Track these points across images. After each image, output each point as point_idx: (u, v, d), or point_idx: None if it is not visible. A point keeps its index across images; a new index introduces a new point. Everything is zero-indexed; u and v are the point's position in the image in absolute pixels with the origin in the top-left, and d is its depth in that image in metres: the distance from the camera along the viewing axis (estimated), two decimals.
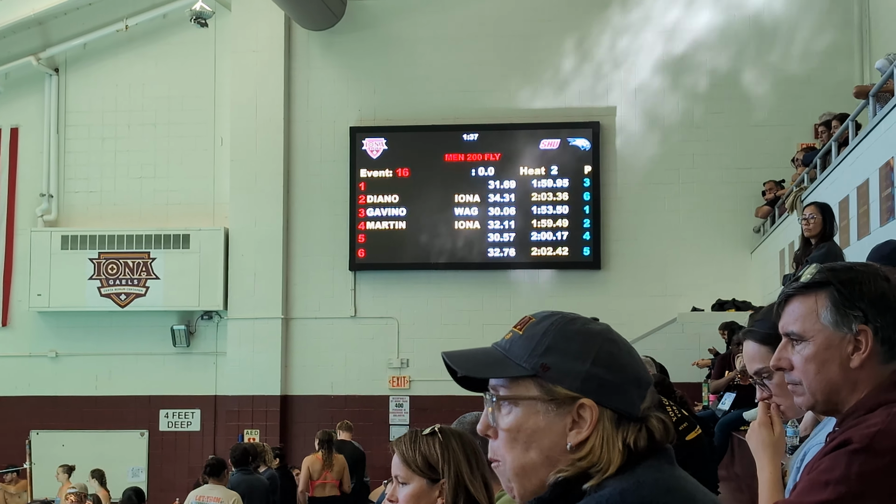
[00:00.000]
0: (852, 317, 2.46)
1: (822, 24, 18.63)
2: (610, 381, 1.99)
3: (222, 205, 19.96)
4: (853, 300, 2.46)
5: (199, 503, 11.59)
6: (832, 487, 2.27)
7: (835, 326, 2.48)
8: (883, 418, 2.32)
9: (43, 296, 19.82)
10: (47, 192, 20.39)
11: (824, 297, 2.50)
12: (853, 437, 2.31)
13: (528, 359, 2.01)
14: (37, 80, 20.51)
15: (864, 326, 2.45)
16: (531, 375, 2.00)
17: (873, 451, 2.26)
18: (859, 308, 2.45)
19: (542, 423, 1.99)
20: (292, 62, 19.94)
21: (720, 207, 18.82)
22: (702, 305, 17.74)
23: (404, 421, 19.12)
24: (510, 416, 2.01)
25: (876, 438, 2.28)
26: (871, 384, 2.46)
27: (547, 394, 1.99)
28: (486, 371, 2.05)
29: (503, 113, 19.28)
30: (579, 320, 2.06)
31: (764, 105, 18.73)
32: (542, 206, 19.06)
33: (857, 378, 2.47)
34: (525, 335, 2.04)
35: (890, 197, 9.77)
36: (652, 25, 19.18)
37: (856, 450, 2.28)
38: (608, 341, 2.02)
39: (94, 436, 19.73)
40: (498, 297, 19.07)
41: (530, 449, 1.99)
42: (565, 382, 1.98)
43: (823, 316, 2.50)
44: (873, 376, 2.46)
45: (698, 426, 8.10)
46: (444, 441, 3.29)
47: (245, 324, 19.54)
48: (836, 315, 2.48)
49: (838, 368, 2.49)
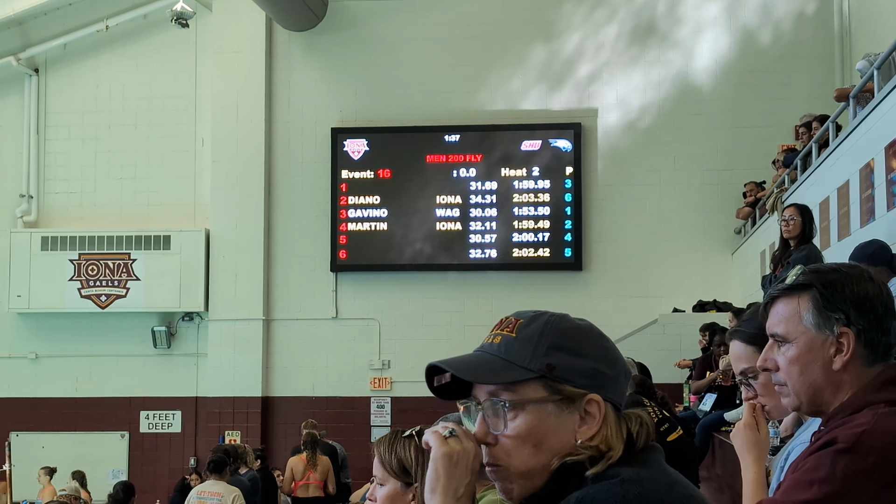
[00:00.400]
0: (834, 319, 2.46)
1: (802, 26, 18.68)
2: (609, 375, 2.02)
3: (203, 206, 19.91)
4: (835, 302, 2.46)
5: (201, 498, 11.75)
6: (817, 487, 2.27)
7: (817, 328, 2.49)
8: (869, 419, 2.32)
9: (23, 297, 19.75)
10: (27, 193, 20.30)
11: (807, 299, 2.51)
12: (839, 436, 2.31)
13: (532, 360, 2.00)
14: (16, 80, 20.41)
15: (846, 329, 2.45)
16: (538, 377, 2.00)
17: (859, 452, 2.26)
18: (841, 310, 2.45)
19: (553, 423, 1.99)
20: (273, 63, 19.91)
21: (701, 209, 18.86)
22: (683, 306, 17.78)
23: (385, 422, 19.11)
24: (518, 421, 1.99)
25: (862, 439, 2.28)
26: (855, 386, 2.46)
27: (555, 393, 1.99)
28: (493, 377, 2.02)
29: (485, 114, 19.29)
30: (567, 317, 2.08)
31: (745, 107, 18.78)
32: (523, 208, 19.07)
33: (840, 380, 2.47)
34: (520, 337, 2.04)
35: (870, 198, 9.80)
36: (633, 27, 19.21)
37: (841, 449, 2.28)
38: (599, 336, 2.06)
39: (75, 437, 19.67)
40: (479, 298, 19.06)
41: (540, 451, 1.99)
42: (573, 380, 1.99)
43: (806, 318, 2.51)
44: (857, 378, 2.46)
45: (679, 427, 8.10)
46: (420, 445, 3.28)
47: (226, 325, 19.49)
48: (818, 317, 2.49)
49: (821, 370, 2.49)
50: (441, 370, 2.08)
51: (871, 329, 2.44)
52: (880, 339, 2.45)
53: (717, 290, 17.78)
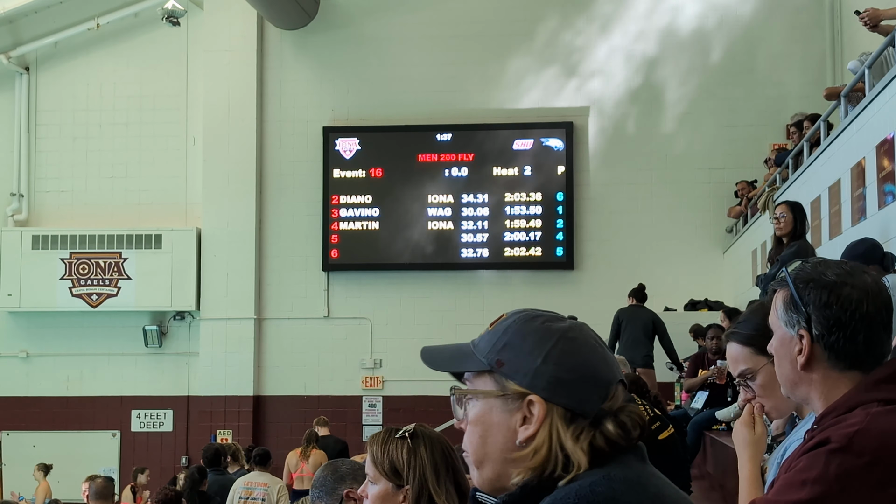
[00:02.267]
0: (796, 319, 2.47)
1: (793, 25, 18.71)
2: (561, 379, 2.00)
3: (194, 205, 19.89)
4: (801, 302, 2.46)
5: (248, 488, 12.00)
6: (809, 487, 2.26)
7: (786, 325, 2.51)
8: (861, 418, 2.32)
9: (13, 296, 19.71)
10: (18, 192, 20.26)
11: (782, 295, 2.52)
12: (832, 436, 2.30)
13: (488, 354, 2.05)
14: (7, 78, 20.37)
15: (804, 331, 2.45)
16: (489, 371, 2.05)
17: (852, 451, 2.26)
18: (805, 312, 2.45)
19: (496, 417, 2.02)
20: (265, 61, 19.89)
21: (693, 208, 18.88)
22: (674, 305, 17.80)
23: (377, 421, 19.11)
24: (473, 410, 2.06)
25: (855, 438, 2.27)
26: (826, 386, 2.46)
27: (501, 389, 2.03)
28: (447, 365, 2.13)
29: (477, 113, 19.29)
30: (541, 318, 2.08)
31: (736, 106, 18.80)
32: (515, 207, 19.08)
33: (810, 378, 2.48)
34: (492, 331, 2.09)
35: (861, 197, 9.81)
36: (625, 26, 19.23)
37: (834, 449, 2.27)
38: (564, 339, 2.03)
39: (66, 436, 19.63)
40: (471, 297, 19.07)
41: (487, 442, 2.03)
42: (516, 378, 2.01)
43: (779, 313, 2.53)
44: (828, 380, 2.46)
45: (671, 425, 8.11)
46: (413, 447, 3.26)
47: (218, 324, 19.48)
48: (786, 314, 2.50)
49: (790, 366, 2.51)
50: None
51: (831, 336, 2.42)
52: (843, 346, 2.42)
53: (709, 289, 17.81)
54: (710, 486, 10.89)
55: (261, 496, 11.98)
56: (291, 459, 15.09)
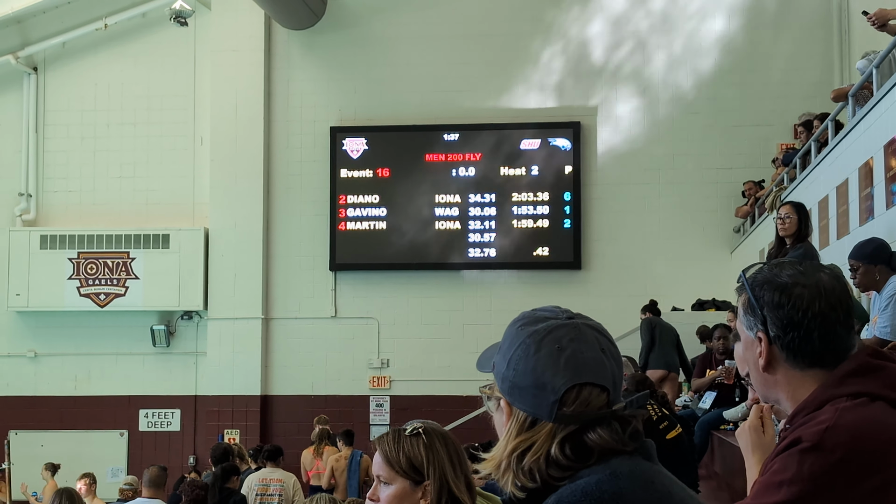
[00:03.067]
0: (753, 322, 2.48)
1: (801, 25, 18.69)
2: (516, 384, 2.07)
3: (202, 205, 19.91)
4: (757, 304, 2.47)
5: (263, 484, 12.15)
6: (786, 488, 2.27)
7: (746, 328, 2.52)
8: (831, 415, 2.32)
9: (22, 296, 19.74)
10: (26, 192, 20.30)
11: (742, 299, 2.54)
12: (803, 435, 2.31)
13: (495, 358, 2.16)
14: (15, 78, 20.40)
15: (761, 333, 2.46)
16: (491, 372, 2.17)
17: (824, 449, 2.26)
18: (761, 314, 2.46)
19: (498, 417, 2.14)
20: (272, 62, 19.90)
21: (700, 207, 18.86)
22: (682, 305, 17.77)
23: (384, 421, 19.11)
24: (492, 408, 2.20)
25: (825, 436, 2.27)
26: (791, 386, 2.46)
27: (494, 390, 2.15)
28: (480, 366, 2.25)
29: (484, 113, 19.29)
30: (522, 321, 2.14)
31: (744, 106, 18.79)
32: (522, 207, 19.08)
33: (774, 379, 2.49)
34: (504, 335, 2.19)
35: (869, 197, 9.80)
36: (632, 26, 19.21)
37: (806, 448, 2.28)
38: (524, 345, 2.08)
39: (74, 436, 19.66)
40: (478, 297, 19.07)
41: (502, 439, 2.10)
42: (497, 381, 2.12)
43: (740, 317, 2.55)
44: (792, 380, 2.46)
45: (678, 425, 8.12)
46: (429, 442, 3.27)
47: (225, 324, 19.49)
48: (744, 317, 2.52)
49: (755, 368, 2.52)
50: None
51: (786, 336, 2.43)
52: (799, 346, 2.43)
53: (716, 289, 17.77)
54: (718, 485, 10.88)
55: (277, 492, 12.14)
56: (306, 458, 15.34)
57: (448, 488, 3.23)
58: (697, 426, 11.11)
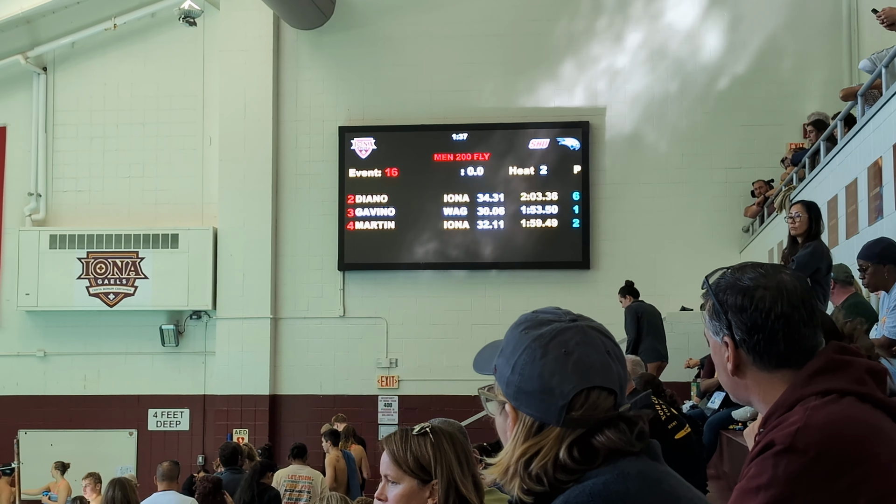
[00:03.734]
0: (718, 326, 2.49)
1: (811, 25, 18.67)
2: (522, 389, 2.05)
3: (211, 204, 19.93)
4: (720, 311, 2.48)
5: (293, 481, 12.39)
6: (763, 492, 2.26)
7: (713, 333, 2.52)
8: (801, 415, 2.31)
9: (31, 295, 19.78)
10: (35, 192, 20.34)
11: (708, 305, 2.54)
12: (775, 438, 2.30)
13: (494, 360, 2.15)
14: (25, 78, 20.45)
15: (727, 338, 2.47)
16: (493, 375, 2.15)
17: (796, 450, 2.26)
18: (726, 317, 2.46)
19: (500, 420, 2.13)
20: (281, 61, 19.92)
21: (709, 207, 18.84)
22: (691, 305, 17.74)
23: (393, 420, 19.12)
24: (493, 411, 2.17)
25: (797, 436, 2.27)
26: (761, 388, 2.47)
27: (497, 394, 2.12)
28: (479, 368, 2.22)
29: (493, 113, 19.29)
30: (525, 324, 2.12)
31: (753, 105, 18.76)
32: (531, 206, 19.07)
33: (744, 383, 2.49)
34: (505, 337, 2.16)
35: (878, 196, 9.79)
36: (641, 26, 19.20)
37: (779, 451, 2.28)
38: (530, 349, 2.06)
39: (83, 435, 19.70)
40: (487, 297, 19.07)
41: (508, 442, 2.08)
42: (501, 385, 2.10)
43: (707, 323, 2.55)
44: (761, 381, 2.47)
45: (687, 425, 8.11)
46: (436, 442, 3.28)
47: (234, 323, 19.51)
48: (710, 322, 2.52)
49: (724, 372, 2.53)
50: None
51: (751, 339, 2.43)
52: (765, 348, 2.43)
53: None
54: (727, 485, 10.86)
55: (305, 489, 12.33)
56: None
57: (455, 487, 3.24)
58: (706, 426, 11.11)
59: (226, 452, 13.09)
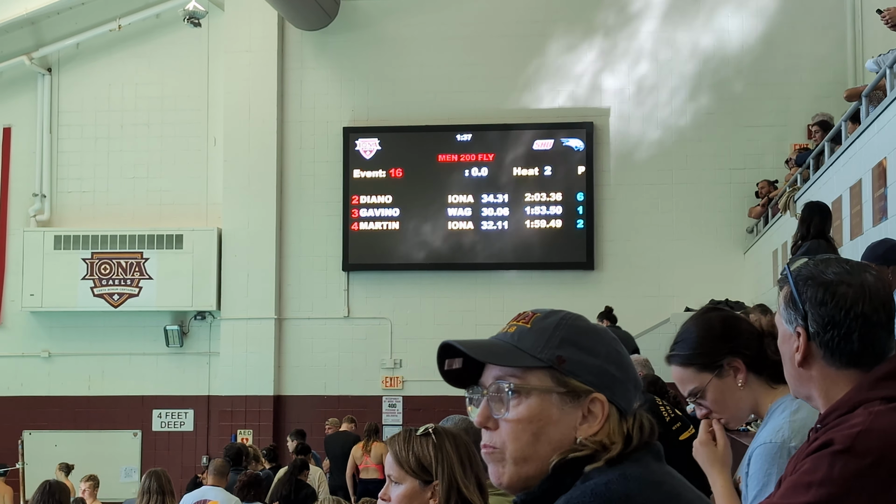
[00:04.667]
0: (793, 316, 2.48)
1: (815, 25, 18.65)
2: (618, 378, 2.03)
3: (215, 205, 19.94)
4: (799, 301, 2.46)
5: None
6: (815, 489, 2.26)
7: (786, 322, 2.51)
8: (864, 418, 2.31)
9: (36, 296, 19.79)
10: (40, 192, 20.35)
11: (783, 293, 2.53)
12: (835, 437, 2.30)
13: (544, 350, 2.03)
14: (29, 79, 20.47)
15: (801, 328, 2.46)
16: (547, 367, 2.02)
17: (855, 452, 2.25)
18: (802, 309, 2.45)
19: (554, 415, 2.01)
20: (285, 62, 19.92)
21: (713, 208, 18.83)
22: (695, 306, 17.66)
23: (397, 421, 19.11)
24: (521, 407, 2.02)
25: (858, 439, 2.27)
26: (826, 384, 2.46)
27: (561, 385, 2.01)
28: (503, 359, 2.05)
29: (497, 113, 19.28)
30: (583, 317, 2.10)
31: (757, 106, 18.75)
32: (535, 207, 19.07)
33: (809, 375, 2.48)
34: (534, 328, 2.06)
35: (882, 197, 9.78)
36: (646, 26, 19.20)
37: (838, 451, 2.27)
38: (614, 340, 2.07)
39: (87, 436, 19.71)
40: (491, 297, 19.05)
41: (539, 440, 2.01)
42: (581, 376, 2.01)
43: (780, 310, 2.54)
44: (826, 377, 2.45)
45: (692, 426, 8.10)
46: (438, 443, 3.29)
47: (238, 324, 19.52)
48: (785, 312, 2.51)
49: (790, 363, 2.52)
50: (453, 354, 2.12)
51: (826, 334, 2.42)
52: (838, 345, 2.42)
53: (729, 290, 17.70)
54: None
55: None
56: (356, 452, 15.84)
57: (457, 488, 3.25)
58: None
59: (230, 453, 13.12)
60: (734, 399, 3.29)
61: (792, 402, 3.15)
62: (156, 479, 9.21)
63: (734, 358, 3.24)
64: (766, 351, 3.24)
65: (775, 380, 3.24)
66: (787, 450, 3.01)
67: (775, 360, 3.09)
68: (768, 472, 3.04)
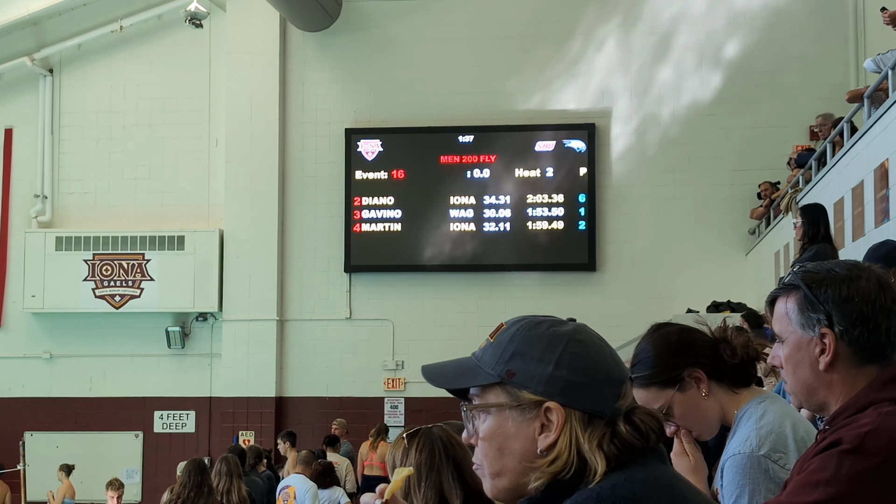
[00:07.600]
0: (815, 320, 2.46)
1: (817, 26, 18.64)
2: (575, 382, 1.98)
3: (217, 206, 19.94)
4: (818, 303, 2.45)
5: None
6: (822, 488, 2.26)
7: (802, 328, 2.49)
8: (874, 418, 2.31)
9: (37, 297, 19.79)
10: (41, 193, 20.35)
11: (794, 299, 2.51)
12: (844, 437, 2.30)
13: (496, 366, 2.03)
14: (31, 80, 20.47)
15: (827, 329, 2.44)
16: (499, 382, 2.02)
17: (864, 452, 2.25)
18: (824, 311, 2.44)
19: (512, 429, 2.00)
20: (287, 63, 19.92)
21: (715, 209, 18.82)
22: (697, 307, 17.68)
23: (399, 423, 19.10)
24: (485, 424, 2.03)
25: (867, 439, 2.27)
26: (847, 385, 2.45)
27: (514, 400, 2.00)
28: (453, 382, 2.11)
29: (499, 115, 19.28)
30: (546, 323, 2.06)
31: (759, 107, 18.74)
32: (537, 208, 19.06)
33: (830, 380, 2.46)
34: (495, 342, 2.06)
35: (884, 198, 9.77)
36: (647, 28, 19.19)
37: (846, 450, 2.27)
38: (573, 342, 2.01)
39: (89, 437, 19.71)
40: (493, 299, 19.04)
41: (504, 455, 2.01)
42: (530, 387, 1.99)
43: (793, 318, 2.51)
44: (848, 378, 2.45)
45: None
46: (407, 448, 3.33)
47: (240, 325, 19.51)
48: (802, 317, 2.49)
49: (809, 370, 2.49)
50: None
51: (855, 329, 2.41)
52: (868, 339, 2.41)
53: (731, 291, 17.72)
54: None
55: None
56: (363, 450, 16.66)
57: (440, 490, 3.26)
58: None
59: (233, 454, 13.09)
60: (701, 410, 3.30)
61: (757, 407, 3.18)
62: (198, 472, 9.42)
63: (694, 369, 3.24)
64: (723, 356, 3.24)
65: (736, 384, 3.28)
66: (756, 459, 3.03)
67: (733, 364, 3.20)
68: (741, 483, 3.05)
